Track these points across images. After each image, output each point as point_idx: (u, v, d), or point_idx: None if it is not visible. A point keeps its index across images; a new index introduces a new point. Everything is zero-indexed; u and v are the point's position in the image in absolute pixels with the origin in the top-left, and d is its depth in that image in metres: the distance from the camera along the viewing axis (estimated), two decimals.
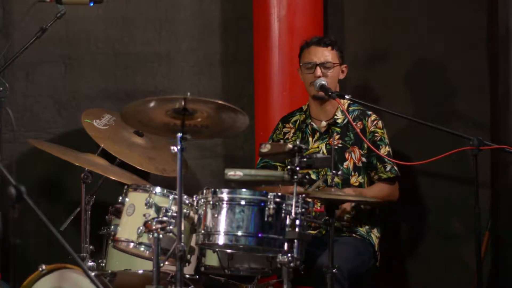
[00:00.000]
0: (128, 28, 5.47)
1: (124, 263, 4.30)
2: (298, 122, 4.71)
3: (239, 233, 3.70)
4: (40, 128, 5.37)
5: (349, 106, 4.64)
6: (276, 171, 4.54)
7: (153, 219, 3.68)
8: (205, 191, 3.83)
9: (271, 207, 3.69)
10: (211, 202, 3.76)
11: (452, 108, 5.22)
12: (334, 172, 3.97)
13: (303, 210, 3.69)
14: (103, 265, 4.35)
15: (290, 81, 5.13)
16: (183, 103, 3.46)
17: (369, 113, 4.65)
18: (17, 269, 2.94)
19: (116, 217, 4.20)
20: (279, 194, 3.73)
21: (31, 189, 2.83)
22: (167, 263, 3.74)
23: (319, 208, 4.32)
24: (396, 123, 4.98)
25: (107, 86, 5.44)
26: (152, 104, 3.51)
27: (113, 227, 3.98)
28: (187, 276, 3.99)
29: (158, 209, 3.82)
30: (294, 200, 3.64)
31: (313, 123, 4.65)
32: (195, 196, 3.88)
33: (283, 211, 3.71)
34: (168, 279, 3.86)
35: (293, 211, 3.64)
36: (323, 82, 4.52)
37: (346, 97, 4.44)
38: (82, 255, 4.25)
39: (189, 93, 3.45)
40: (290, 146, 3.68)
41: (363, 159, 4.57)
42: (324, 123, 4.63)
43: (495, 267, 4.98)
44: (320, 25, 5.29)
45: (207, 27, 5.53)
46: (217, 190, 3.78)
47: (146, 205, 3.84)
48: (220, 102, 3.53)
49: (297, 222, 3.64)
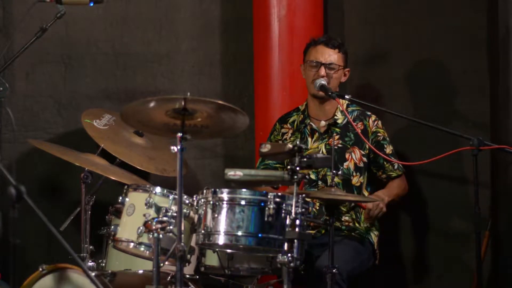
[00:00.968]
0: (128, 28, 5.47)
1: (124, 263, 4.30)
2: (296, 122, 4.71)
3: (239, 233, 3.70)
4: (40, 128, 5.37)
5: (347, 106, 4.64)
6: (276, 171, 4.54)
7: (153, 219, 3.68)
8: (205, 191, 3.83)
9: (271, 207, 3.69)
10: (211, 202, 3.76)
11: (452, 108, 5.22)
12: (334, 172, 3.97)
13: (303, 210, 3.69)
14: (103, 265, 4.36)
15: (290, 81, 5.13)
16: (183, 103, 3.46)
17: (369, 113, 4.66)
18: (17, 269, 2.94)
19: (116, 217, 4.20)
20: (279, 194, 3.74)
21: (31, 189, 2.83)
22: (167, 263, 3.74)
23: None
24: (396, 123, 4.98)
25: (107, 86, 5.44)
26: (152, 104, 3.51)
27: (113, 227, 3.98)
28: (187, 276, 3.99)
29: (158, 209, 3.82)
30: (294, 200, 3.63)
31: (312, 123, 4.65)
32: (195, 196, 3.88)
33: (283, 211, 3.71)
34: (168, 279, 3.86)
35: (293, 211, 3.64)
36: (323, 82, 4.52)
37: (346, 97, 4.45)
38: (82, 255, 4.25)
39: (189, 93, 3.45)
40: (290, 146, 3.68)
41: (364, 159, 4.57)
42: (323, 123, 4.63)
43: (495, 267, 4.98)
44: (320, 25, 5.29)
45: (207, 27, 5.53)
46: (217, 190, 3.78)
47: (146, 205, 3.84)
48: (220, 102, 3.53)
49: (297, 222, 3.63)
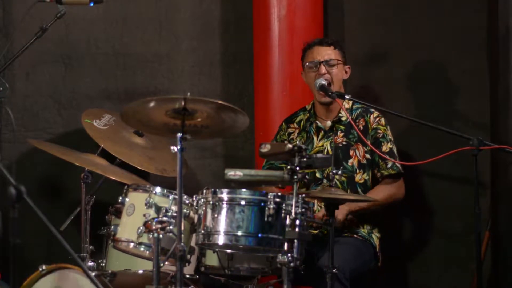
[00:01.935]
0: (128, 28, 5.47)
1: (124, 263, 4.30)
2: (302, 121, 4.70)
3: (239, 233, 3.70)
4: (40, 128, 5.37)
5: (353, 104, 4.63)
6: (276, 171, 4.53)
7: (153, 219, 3.68)
8: (205, 191, 3.82)
9: (271, 207, 3.68)
10: (211, 202, 3.76)
11: (452, 108, 5.22)
12: (333, 171, 3.97)
13: (303, 210, 3.69)
14: (103, 265, 4.35)
15: (290, 81, 5.13)
16: (183, 103, 3.46)
17: (372, 110, 4.62)
18: (17, 269, 2.94)
19: (116, 217, 4.20)
20: (279, 194, 3.73)
21: (31, 189, 2.83)
22: (167, 263, 3.74)
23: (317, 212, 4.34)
24: (396, 123, 4.97)
25: (107, 86, 5.44)
26: (152, 104, 3.51)
27: (113, 227, 3.98)
28: (187, 276, 3.99)
29: (158, 209, 3.82)
30: (294, 200, 3.63)
31: (317, 122, 4.64)
32: (195, 196, 3.88)
33: (283, 211, 3.71)
34: (168, 279, 3.86)
35: (293, 211, 3.63)
36: (323, 82, 4.51)
37: (346, 97, 4.44)
38: (82, 255, 4.25)
39: (189, 93, 3.45)
40: (290, 146, 3.68)
41: (367, 156, 4.56)
42: (329, 123, 4.62)
43: (495, 267, 4.98)
44: (320, 25, 5.29)
45: (207, 27, 5.53)
46: (217, 190, 3.78)
47: (146, 205, 3.84)
48: (220, 102, 3.53)
49: (297, 222, 3.63)
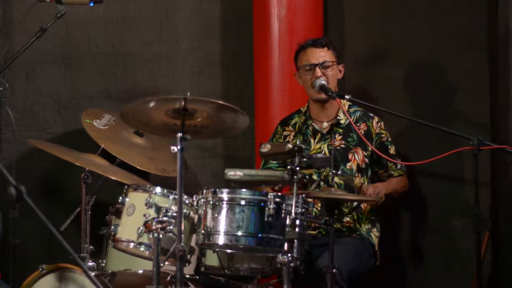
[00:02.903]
0: (128, 28, 5.47)
1: (124, 263, 4.30)
2: (298, 124, 4.70)
3: (239, 233, 3.70)
4: (40, 128, 5.37)
5: (349, 107, 4.64)
6: (276, 171, 4.54)
7: (153, 219, 3.68)
8: (205, 191, 3.82)
9: (271, 207, 3.68)
10: (211, 202, 3.76)
11: (452, 108, 5.22)
12: (333, 172, 3.97)
13: (303, 210, 3.69)
14: (103, 265, 4.35)
15: (290, 81, 5.12)
16: (183, 103, 3.46)
17: (371, 115, 4.65)
18: (17, 269, 2.94)
19: (116, 217, 4.20)
20: (279, 194, 3.74)
21: (31, 189, 2.83)
22: (167, 263, 3.74)
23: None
24: (396, 123, 4.98)
25: (107, 86, 5.44)
26: (152, 104, 3.51)
27: (113, 227, 3.98)
28: (187, 276, 3.99)
29: (158, 209, 3.82)
30: (294, 200, 3.64)
31: (314, 124, 4.65)
32: (195, 196, 3.88)
33: (283, 211, 3.71)
34: (168, 279, 3.86)
35: (293, 211, 3.64)
36: (323, 82, 4.52)
37: (346, 97, 4.44)
38: (82, 255, 4.25)
39: (189, 93, 3.45)
40: (290, 146, 3.68)
41: (367, 160, 4.57)
42: (326, 124, 4.63)
43: (495, 267, 4.98)
44: (320, 25, 5.29)
45: (207, 27, 5.53)
46: (217, 190, 3.78)
47: (146, 205, 3.84)
48: (220, 102, 3.53)
49: (297, 222, 3.63)
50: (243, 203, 3.73)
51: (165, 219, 3.69)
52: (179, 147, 3.48)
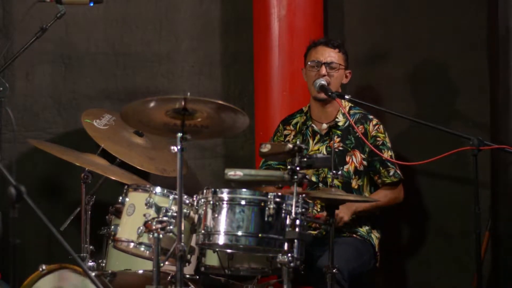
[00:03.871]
0: (128, 28, 5.47)
1: (124, 263, 4.30)
2: (298, 124, 4.70)
3: (239, 233, 3.70)
4: (40, 128, 5.37)
5: (350, 109, 4.64)
6: (276, 171, 4.54)
7: (153, 219, 3.69)
8: (205, 191, 3.82)
9: (271, 207, 3.68)
10: (211, 202, 3.76)
11: (452, 108, 5.22)
12: (334, 172, 3.97)
13: (303, 210, 3.69)
14: (103, 265, 4.35)
15: (290, 81, 5.13)
16: (183, 103, 3.46)
17: (371, 117, 4.64)
18: (17, 269, 2.94)
19: (116, 217, 4.20)
20: (279, 194, 3.73)
21: (31, 189, 2.83)
22: (167, 263, 3.74)
23: (317, 213, 4.34)
24: (396, 123, 4.98)
25: (107, 86, 5.44)
26: (152, 104, 3.51)
27: (113, 227, 3.98)
28: (187, 276, 3.99)
29: (158, 209, 3.82)
30: (294, 200, 3.63)
31: (313, 125, 4.64)
32: (195, 196, 3.88)
33: (283, 211, 3.71)
34: (168, 279, 3.86)
35: (293, 211, 3.64)
36: (323, 82, 4.51)
37: (346, 97, 4.44)
38: (82, 255, 4.25)
39: (189, 93, 3.45)
40: (290, 146, 3.68)
41: (364, 163, 4.57)
42: (325, 126, 4.62)
43: (495, 267, 4.98)
44: (320, 25, 5.29)
45: (207, 27, 5.53)
46: (217, 190, 3.78)
47: (146, 205, 3.84)
48: (220, 102, 3.53)
49: (297, 222, 3.63)
50: (243, 203, 3.72)
51: (165, 219, 3.69)
52: (179, 147, 3.48)
